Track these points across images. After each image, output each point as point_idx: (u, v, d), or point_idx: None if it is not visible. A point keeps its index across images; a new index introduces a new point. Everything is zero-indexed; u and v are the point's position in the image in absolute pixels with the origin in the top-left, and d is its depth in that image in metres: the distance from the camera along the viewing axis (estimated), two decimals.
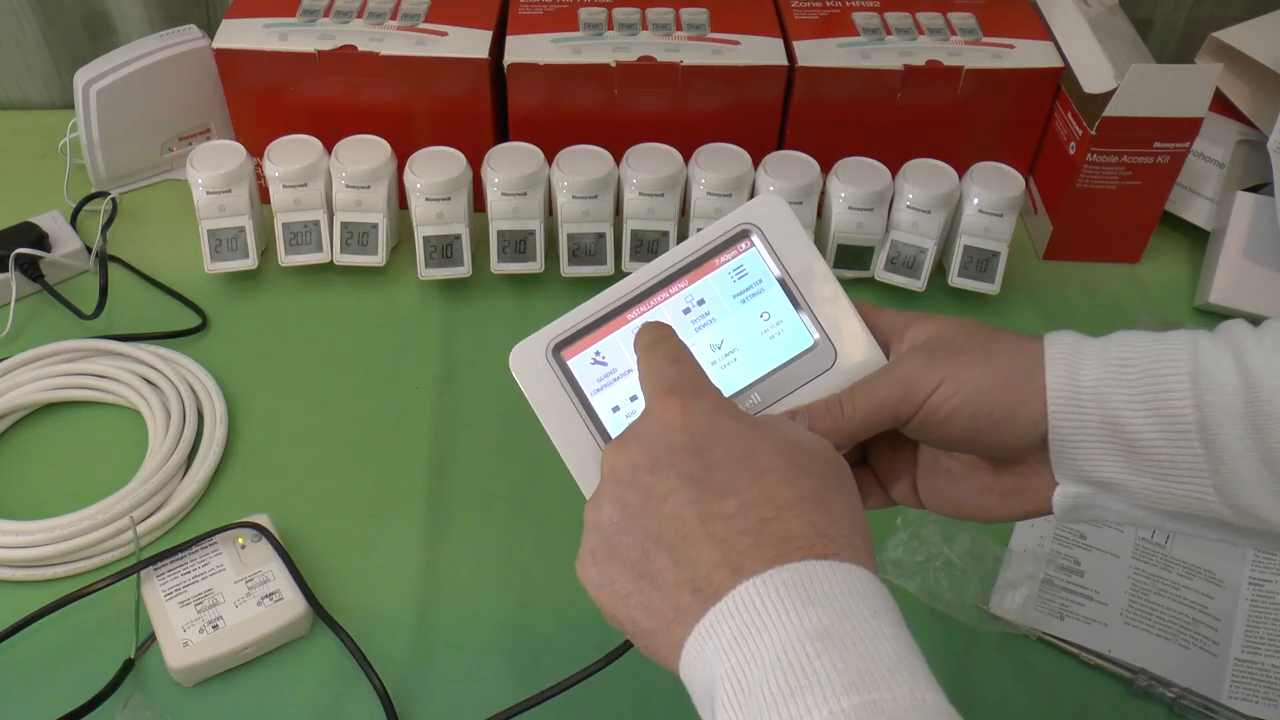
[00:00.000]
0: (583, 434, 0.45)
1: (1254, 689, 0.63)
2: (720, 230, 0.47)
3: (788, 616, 0.33)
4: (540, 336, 0.46)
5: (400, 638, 0.64)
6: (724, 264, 0.47)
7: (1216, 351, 0.41)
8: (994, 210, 0.81)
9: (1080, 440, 0.43)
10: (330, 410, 0.77)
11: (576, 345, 0.46)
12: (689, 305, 0.47)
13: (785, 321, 0.47)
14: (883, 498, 0.50)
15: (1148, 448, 0.42)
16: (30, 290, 0.83)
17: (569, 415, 0.45)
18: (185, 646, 0.61)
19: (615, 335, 0.46)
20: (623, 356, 0.46)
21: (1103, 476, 0.43)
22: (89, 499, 0.68)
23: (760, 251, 0.47)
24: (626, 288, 0.47)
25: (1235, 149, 0.88)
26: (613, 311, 0.47)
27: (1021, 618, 0.65)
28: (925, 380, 0.43)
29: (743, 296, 0.47)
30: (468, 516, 0.71)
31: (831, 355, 0.46)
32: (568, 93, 0.84)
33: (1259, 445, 0.40)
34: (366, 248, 0.83)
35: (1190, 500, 0.42)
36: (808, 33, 0.86)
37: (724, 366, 0.47)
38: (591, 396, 0.46)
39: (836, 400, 0.45)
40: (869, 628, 0.34)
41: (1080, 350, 0.43)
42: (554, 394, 0.46)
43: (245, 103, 0.87)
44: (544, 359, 0.46)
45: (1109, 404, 0.42)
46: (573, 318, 0.46)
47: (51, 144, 0.94)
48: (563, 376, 0.46)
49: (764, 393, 0.46)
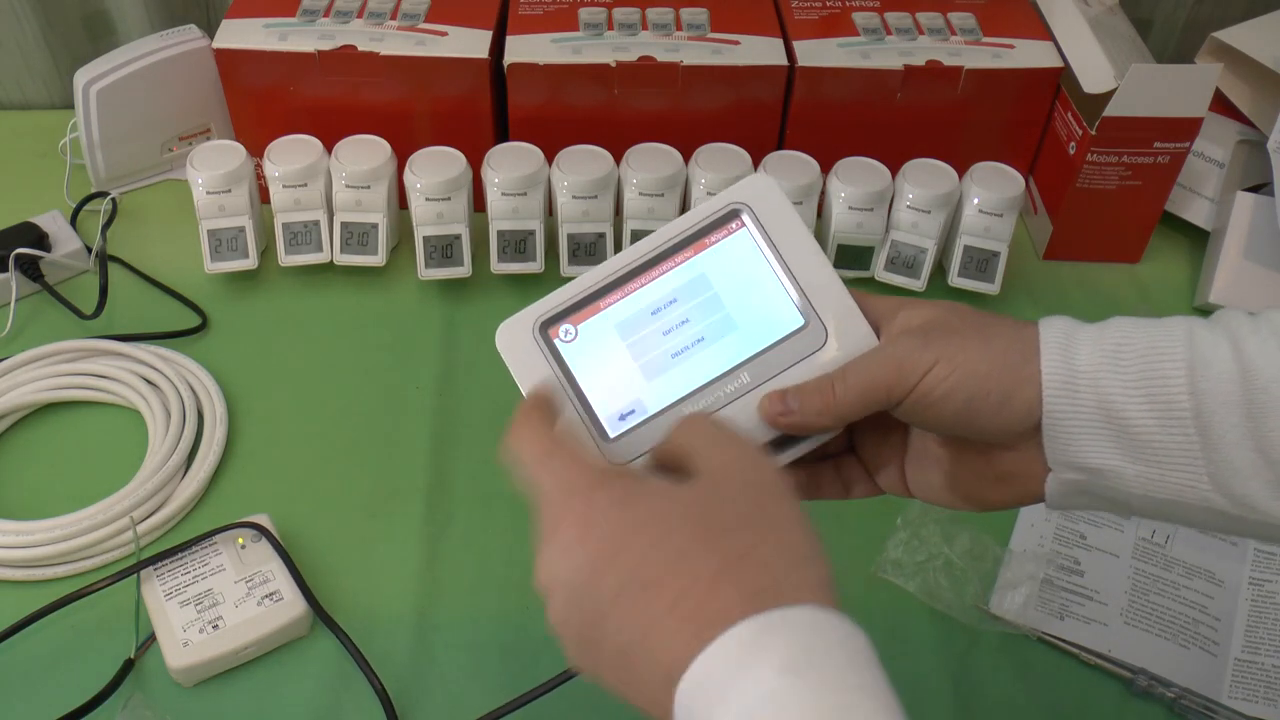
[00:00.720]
0: (568, 411, 0.45)
1: (1254, 689, 0.63)
2: (710, 209, 0.47)
3: (736, 682, 0.33)
4: (527, 314, 0.46)
5: (400, 637, 0.64)
6: (714, 243, 0.47)
7: (1213, 339, 0.41)
8: (994, 210, 0.81)
9: (1074, 426, 0.42)
10: (330, 410, 0.77)
11: (563, 323, 0.46)
12: (678, 284, 0.47)
13: (775, 301, 0.46)
14: (870, 486, 0.50)
15: (1142, 434, 0.41)
16: (30, 290, 0.83)
17: (554, 392, 0.45)
18: (185, 646, 0.61)
19: (604, 313, 0.46)
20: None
21: (1096, 463, 0.43)
22: (89, 499, 0.68)
23: (751, 231, 0.47)
24: (616, 265, 0.47)
25: (1235, 149, 0.88)
26: (602, 289, 0.46)
27: (1021, 618, 0.65)
28: (919, 361, 0.43)
29: (732, 276, 0.47)
30: (468, 516, 0.71)
31: (822, 335, 0.46)
32: (568, 93, 0.84)
33: (1254, 433, 0.40)
34: (366, 248, 0.83)
35: (1184, 488, 0.42)
36: (808, 33, 0.86)
37: (713, 346, 0.46)
38: (576, 374, 0.46)
39: (828, 380, 0.44)
40: (827, 675, 0.33)
41: (1076, 336, 0.43)
42: (539, 373, 0.46)
43: (245, 103, 0.87)
44: (531, 336, 0.46)
45: (1104, 390, 0.42)
46: (561, 295, 0.46)
47: (51, 144, 0.94)
48: (549, 354, 0.46)
49: (753, 373, 0.46)
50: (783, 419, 0.45)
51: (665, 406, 0.46)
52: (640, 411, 0.46)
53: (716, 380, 0.46)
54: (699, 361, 0.46)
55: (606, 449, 0.45)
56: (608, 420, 0.46)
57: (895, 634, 0.65)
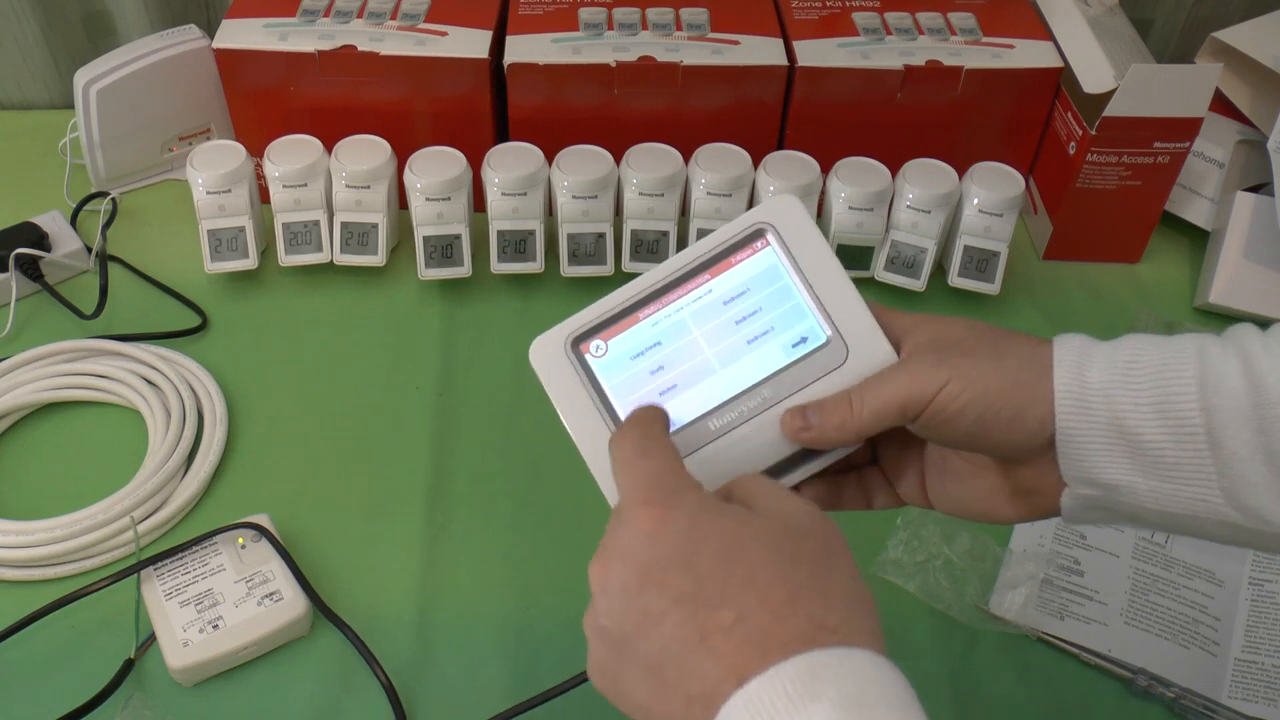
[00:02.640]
0: (599, 428, 0.47)
1: (1254, 689, 0.63)
2: (736, 229, 0.49)
3: (795, 714, 0.33)
4: (560, 330, 0.48)
5: (401, 637, 0.64)
6: (739, 261, 0.48)
7: (1224, 356, 0.42)
8: (994, 210, 0.81)
9: (1087, 442, 0.43)
10: (330, 410, 0.77)
11: (594, 339, 0.48)
12: (704, 301, 0.48)
13: (798, 318, 0.48)
14: (891, 497, 0.51)
15: (1155, 450, 0.42)
16: (30, 290, 0.83)
17: (586, 408, 0.47)
18: (185, 646, 0.61)
19: (633, 329, 0.48)
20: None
21: (1110, 479, 0.43)
22: (89, 499, 0.68)
23: (775, 250, 0.48)
24: (644, 284, 0.48)
25: (1235, 149, 0.88)
26: (630, 307, 0.48)
27: (1021, 618, 0.65)
28: (933, 378, 0.44)
29: (757, 294, 0.48)
30: (468, 516, 0.71)
31: (843, 352, 0.47)
32: (568, 93, 0.84)
33: (1265, 449, 0.40)
34: (366, 248, 0.83)
35: (1198, 503, 0.42)
36: (808, 33, 0.86)
37: (736, 362, 0.47)
38: (606, 388, 0.47)
39: (846, 396, 0.45)
40: (879, 716, 0.33)
41: (1088, 353, 0.44)
42: (572, 387, 0.47)
43: (245, 103, 0.87)
44: (563, 352, 0.47)
45: (1116, 407, 0.42)
46: (591, 312, 0.48)
47: (51, 144, 0.94)
48: (581, 370, 0.47)
49: (775, 388, 0.47)
50: (803, 434, 0.46)
51: (691, 420, 0.47)
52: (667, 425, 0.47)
53: (740, 395, 0.47)
54: (723, 377, 0.47)
55: None
56: None
57: (895, 634, 0.65)
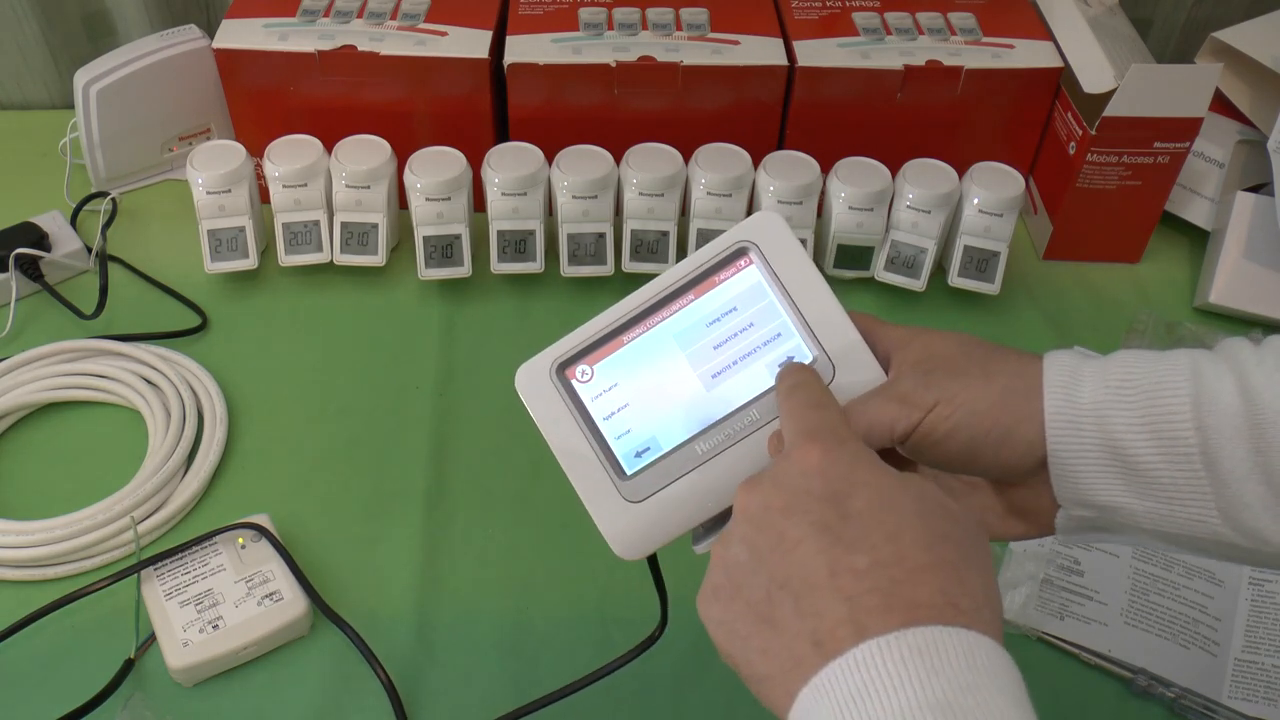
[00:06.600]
0: (586, 450, 0.46)
1: (1254, 689, 0.63)
2: (718, 248, 0.48)
3: (910, 684, 0.32)
4: (545, 356, 0.47)
5: (401, 637, 0.64)
6: (722, 281, 0.48)
7: (1217, 372, 0.41)
8: (994, 210, 0.81)
9: (1080, 463, 0.42)
10: (330, 410, 0.77)
11: (579, 364, 0.47)
12: (687, 324, 0.47)
13: (783, 338, 0.47)
14: None
15: (1149, 471, 0.41)
16: (30, 290, 0.83)
17: (573, 433, 0.47)
18: (185, 646, 0.61)
19: (617, 354, 0.47)
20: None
21: (1104, 500, 0.42)
22: (89, 499, 0.68)
23: (759, 268, 0.48)
24: (626, 307, 0.48)
25: (1235, 149, 0.88)
26: (614, 331, 0.47)
27: (1021, 618, 0.65)
28: (921, 401, 0.43)
29: (741, 314, 0.47)
30: (468, 516, 0.71)
31: (830, 372, 0.46)
32: (568, 93, 0.84)
33: (1262, 467, 0.40)
34: (366, 248, 0.83)
35: (1195, 524, 0.41)
36: (808, 33, 0.86)
37: (722, 383, 0.47)
38: (593, 413, 0.47)
39: None
40: (993, 706, 0.32)
41: (1079, 372, 0.43)
42: (558, 413, 0.47)
43: (245, 103, 0.87)
44: (548, 379, 0.47)
45: (1109, 426, 0.41)
46: (576, 337, 0.47)
47: (51, 144, 0.94)
48: (566, 395, 0.47)
49: (762, 409, 0.46)
50: None
51: (678, 444, 0.46)
52: (655, 449, 0.46)
53: (727, 418, 0.46)
54: (709, 399, 0.47)
55: (623, 486, 0.46)
56: (624, 458, 0.47)
57: None
